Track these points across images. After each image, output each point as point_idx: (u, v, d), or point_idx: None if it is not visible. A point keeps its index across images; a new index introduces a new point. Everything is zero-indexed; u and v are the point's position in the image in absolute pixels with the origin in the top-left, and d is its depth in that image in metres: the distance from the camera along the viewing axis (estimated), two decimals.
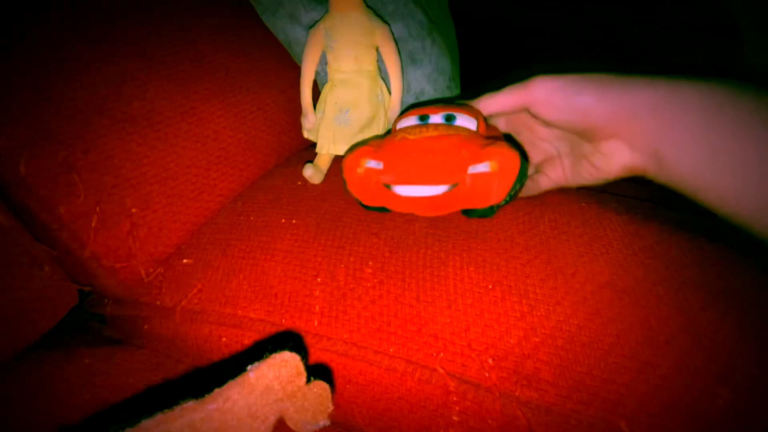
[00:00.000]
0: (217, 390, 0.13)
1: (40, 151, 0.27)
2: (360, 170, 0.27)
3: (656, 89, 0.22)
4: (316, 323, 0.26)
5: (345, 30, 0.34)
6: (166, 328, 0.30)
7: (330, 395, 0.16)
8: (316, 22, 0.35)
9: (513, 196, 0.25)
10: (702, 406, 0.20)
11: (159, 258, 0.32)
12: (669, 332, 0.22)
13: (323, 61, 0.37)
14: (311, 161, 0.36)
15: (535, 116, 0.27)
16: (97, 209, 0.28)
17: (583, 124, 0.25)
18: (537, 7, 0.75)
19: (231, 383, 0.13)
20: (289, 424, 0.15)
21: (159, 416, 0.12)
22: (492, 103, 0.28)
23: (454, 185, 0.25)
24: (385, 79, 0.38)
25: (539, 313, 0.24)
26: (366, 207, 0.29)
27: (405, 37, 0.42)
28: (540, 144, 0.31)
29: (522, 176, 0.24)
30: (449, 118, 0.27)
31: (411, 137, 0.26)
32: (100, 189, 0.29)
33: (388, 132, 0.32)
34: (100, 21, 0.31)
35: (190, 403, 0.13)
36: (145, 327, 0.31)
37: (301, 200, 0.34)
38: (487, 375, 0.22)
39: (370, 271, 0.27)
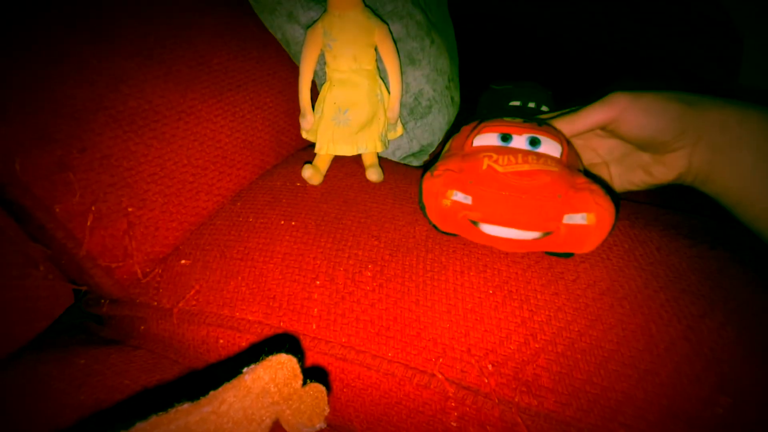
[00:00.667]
0: (212, 392, 0.13)
1: (36, 150, 0.26)
2: (446, 202, 0.25)
3: (727, 110, 0.25)
4: (314, 326, 0.26)
5: (344, 29, 0.34)
6: (163, 329, 0.30)
7: (326, 398, 0.15)
8: (315, 21, 0.35)
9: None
10: (701, 414, 0.20)
11: (156, 258, 0.31)
12: (669, 340, 0.22)
13: (321, 61, 0.37)
14: (310, 162, 0.36)
15: (611, 131, 0.28)
16: (93, 208, 0.28)
17: (659, 139, 0.26)
18: (536, 4, 0.74)
19: (226, 385, 0.13)
20: (285, 426, 0.15)
21: (153, 419, 0.12)
22: (578, 124, 0.28)
23: (548, 233, 0.24)
24: (384, 78, 0.37)
25: (540, 319, 0.24)
26: (440, 230, 0.28)
27: (403, 37, 0.41)
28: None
29: (614, 226, 0.23)
30: (534, 142, 0.26)
31: (500, 168, 0.24)
32: (96, 188, 0.28)
33: (454, 133, 0.30)
34: (98, 19, 0.31)
35: (185, 406, 0.12)
36: (142, 328, 0.31)
37: (300, 201, 0.34)
38: (486, 381, 0.22)
39: (369, 274, 0.27)
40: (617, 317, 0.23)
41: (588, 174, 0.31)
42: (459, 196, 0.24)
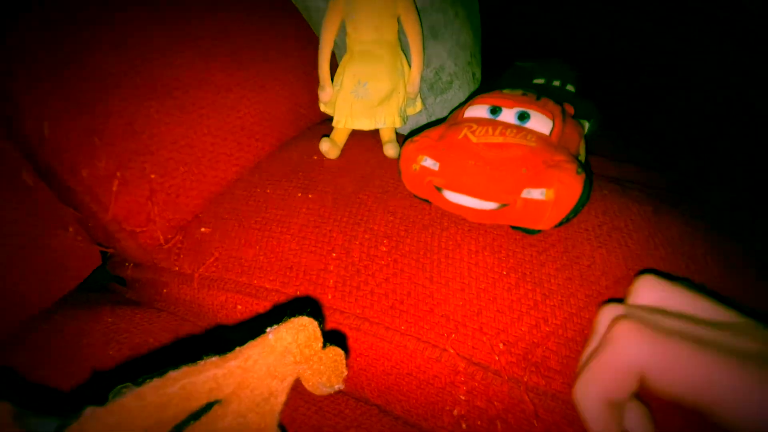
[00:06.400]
0: (238, 348, 0.14)
1: (64, 114, 0.27)
2: (416, 167, 0.26)
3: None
4: (329, 297, 0.26)
5: None
6: (185, 294, 0.31)
7: (345, 361, 0.16)
8: None
9: (566, 222, 0.24)
10: None
11: (177, 224, 0.32)
12: None
13: (342, 31, 0.36)
14: (328, 135, 0.36)
15: None
16: (118, 174, 0.29)
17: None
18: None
19: (251, 343, 0.14)
20: (306, 386, 0.15)
21: (184, 368, 0.12)
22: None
23: (504, 205, 0.24)
24: (405, 53, 0.36)
25: (552, 303, 0.24)
26: (416, 196, 0.29)
27: (427, 7, 0.40)
28: None
29: (580, 205, 0.23)
30: (522, 117, 0.25)
31: (474, 138, 0.24)
32: (120, 154, 0.29)
33: (459, 106, 0.30)
34: None
35: (214, 359, 0.13)
36: (165, 291, 0.32)
37: (317, 175, 0.34)
38: (496, 358, 0.23)
39: (384, 249, 0.27)
40: None
41: (586, 163, 0.29)
42: (428, 162, 0.25)
